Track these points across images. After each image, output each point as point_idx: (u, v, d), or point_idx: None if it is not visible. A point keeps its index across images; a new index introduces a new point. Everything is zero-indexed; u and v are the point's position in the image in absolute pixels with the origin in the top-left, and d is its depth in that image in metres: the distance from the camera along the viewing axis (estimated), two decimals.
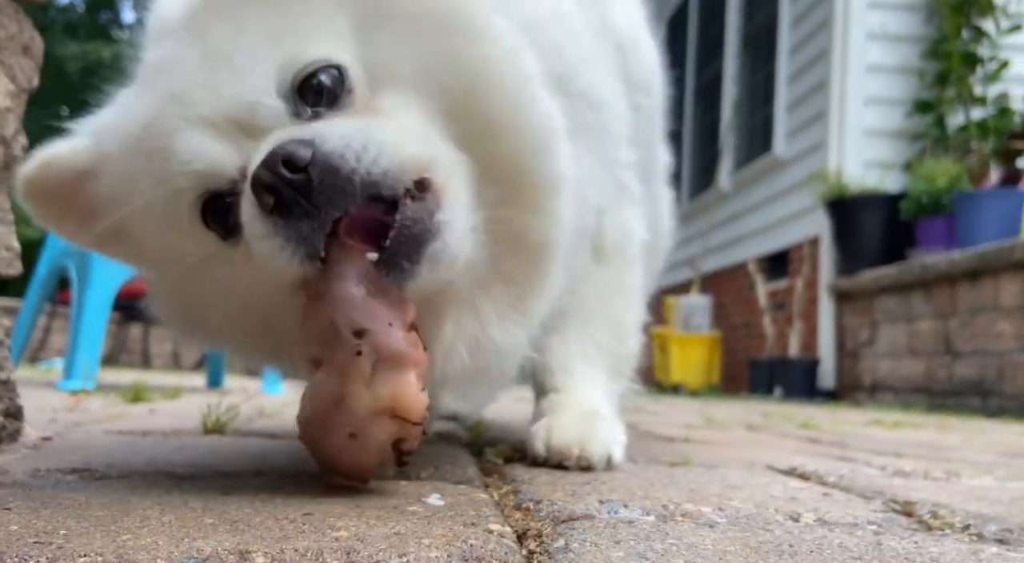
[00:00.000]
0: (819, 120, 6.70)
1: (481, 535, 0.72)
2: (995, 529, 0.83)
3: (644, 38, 1.45)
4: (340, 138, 0.76)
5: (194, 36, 0.87)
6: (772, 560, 0.66)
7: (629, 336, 1.34)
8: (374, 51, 0.85)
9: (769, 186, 7.49)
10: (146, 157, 0.86)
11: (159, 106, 0.85)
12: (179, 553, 0.63)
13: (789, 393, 6.35)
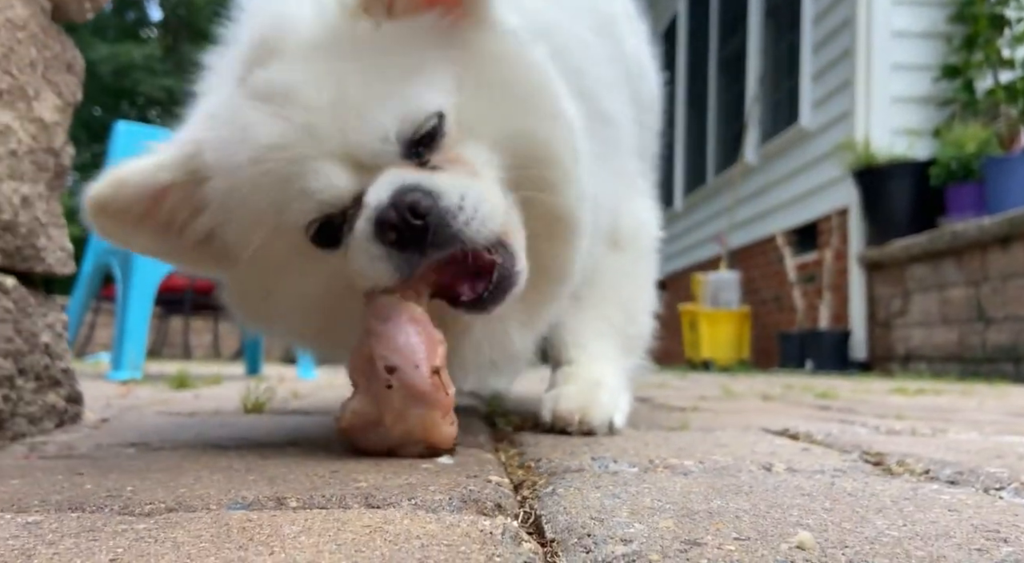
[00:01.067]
0: (845, 89, 6.65)
1: (481, 484, 0.83)
2: (949, 472, 0.91)
3: (648, 65, 1.62)
4: (455, 196, 0.91)
5: (322, 71, 0.92)
6: (728, 497, 0.76)
7: (641, 317, 1.45)
8: (466, 107, 0.98)
9: (796, 158, 7.45)
10: (266, 178, 0.94)
11: (291, 135, 0.91)
12: (227, 500, 0.76)
13: (820, 366, 6.36)
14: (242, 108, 0.95)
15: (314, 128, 0.91)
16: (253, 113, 0.93)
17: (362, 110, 0.92)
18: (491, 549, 0.58)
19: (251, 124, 0.93)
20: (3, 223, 1.26)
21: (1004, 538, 0.60)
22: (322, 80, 0.92)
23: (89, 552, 0.56)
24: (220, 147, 0.97)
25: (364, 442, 1.02)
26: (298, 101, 0.92)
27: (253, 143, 0.93)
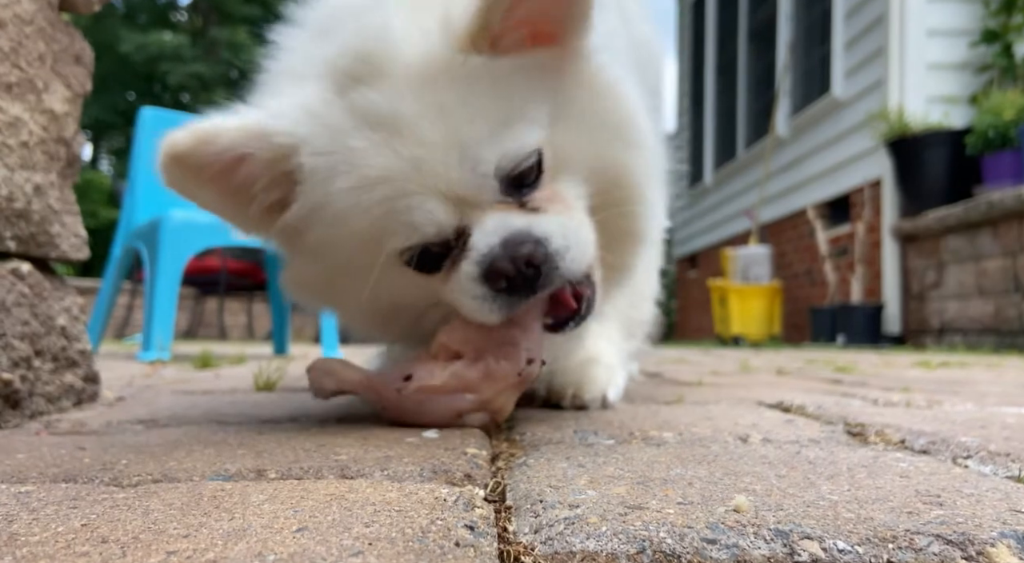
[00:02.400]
0: (878, 57, 6.50)
1: (456, 456, 0.86)
2: (923, 442, 0.92)
3: (656, 49, 1.64)
4: (561, 239, 0.95)
5: (430, 104, 0.92)
6: (691, 466, 0.78)
7: (644, 304, 1.49)
8: (560, 139, 1.01)
9: (828, 129, 7.31)
10: (367, 205, 0.94)
11: (398, 169, 0.92)
12: (211, 472, 0.80)
13: (852, 340, 6.29)
14: (347, 128, 0.94)
15: (422, 163, 0.92)
16: (360, 139, 0.93)
17: (468, 148, 0.92)
18: (437, 513, 0.61)
19: (358, 150, 0.93)
20: (17, 211, 1.31)
21: (940, 502, 0.62)
22: (431, 115, 0.92)
23: (65, 518, 0.60)
24: (321, 162, 0.96)
25: (431, 406, 1.07)
26: (408, 135, 0.92)
27: (360, 173, 0.93)
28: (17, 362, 1.30)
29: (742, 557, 0.53)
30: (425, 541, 0.53)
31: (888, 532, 0.54)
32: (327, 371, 1.13)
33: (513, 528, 0.62)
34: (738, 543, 0.54)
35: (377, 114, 0.93)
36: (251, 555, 0.50)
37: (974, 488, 0.67)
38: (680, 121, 11.74)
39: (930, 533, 0.54)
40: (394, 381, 1.09)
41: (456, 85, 0.93)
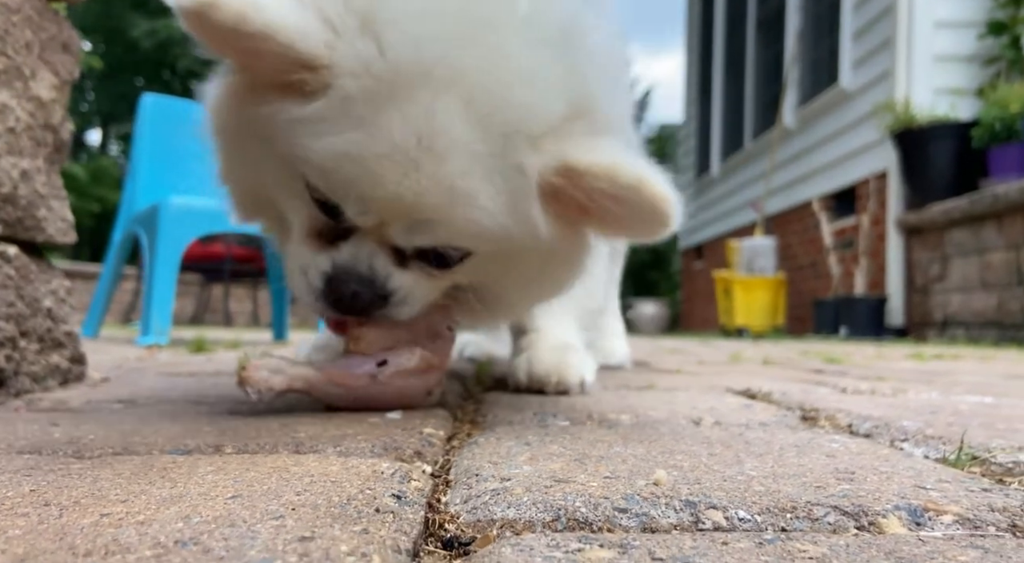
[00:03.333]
0: (886, 47, 6.46)
1: (411, 434, 0.89)
2: (868, 426, 0.94)
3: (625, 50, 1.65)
4: (402, 295, 1.01)
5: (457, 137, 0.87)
6: (632, 445, 0.81)
7: (596, 291, 1.50)
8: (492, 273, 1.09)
9: (835, 120, 7.28)
10: (356, 154, 0.86)
11: (401, 152, 0.85)
12: (170, 446, 0.83)
13: (855, 332, 6.28)
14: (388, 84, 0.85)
15: (422, 169, 0.86)
16: (394, 105, 0.84)
17: (459, 196, 0.87)
18: (370, 484, 0.64)
19: (391, 124, 0.85)
20: (3, 195, 1.35)
21: (852, 479, 0.64)
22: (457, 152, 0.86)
23: (17, 485, 0.64)
24: (353, 85, 0.85)
25: (407, 388, 1.10)
26: (431, 142, 0.85)
27: (386, 139, 0.85)
28: (2, 342, 1.33)
29: (650, 524, 0.55)
30: (347, 507, 0.56)
31: (790, 503, 0.57)
32: (275, 369, 1.06)
33: (445, 500, 0.65)
34: (648, 512, 0.57)
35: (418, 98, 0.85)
36: (179, 517, 0.53)
37: (892, 467, 0.69)
38: (687, 111, 11.70)
39: (829, 505, 0.56)
40: (365, 366, 1.08)
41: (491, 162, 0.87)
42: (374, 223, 0.93)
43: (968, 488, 0.63)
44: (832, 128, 7.32)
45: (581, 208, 0.92)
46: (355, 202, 0.90)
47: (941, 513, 0.56)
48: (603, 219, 0.92)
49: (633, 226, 0.92)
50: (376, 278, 0.97)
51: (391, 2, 0.86)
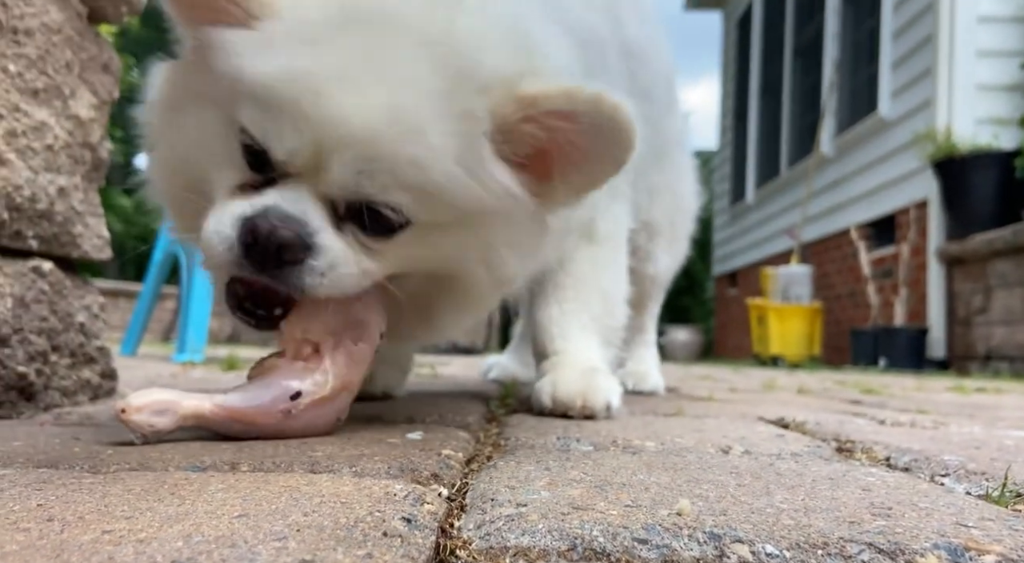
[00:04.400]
0: (926, 77, 6.37)
1: (430, 456, 0.87)
2: (907, 460, 0.90)
3: (652, 52, 1.63)
4: (326, 264, 0.90)
5: (410, 72, 0.87)
6: (656, 472, 0.78)
7: (617, 309, 1.48)
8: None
9: (874, 148, 7.17)
10: (290, 83, 0.84)
11: (329, 77, 0.84)
12: (186, 462, 0.82)
13: (895, 364, 6.12)
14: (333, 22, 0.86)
15: (371, 94, 0.84)
16: (339, 38, 0.85)
17: (412, 142, 0.85)
18: (380, 506, 0.62)
19: (346, 47, 0.85)
20: (39, 212, 1.37)
21: (889, 514, 0.60)
22: (405, 83, 0.86)
23: (25, 498, 0.63)
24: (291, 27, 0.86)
25: (318, 419, 1.01)
26: (375, 69, 0.85)
27: (338, 59, 0.84)
28: (33, 356, 1.35)
29: (671, 557, 0.53)
30: (353, 530, 0.54)
31: (821, 539, 0.53)
32: (160, 408, 0.94)
33: (459, 524, 0.62)
34: (670, 544, 0.54)
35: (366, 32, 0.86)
36: (181, 536, 0.52)
37: (931, 503, 0.65)
38: (723, 138, 11.64)
39: (864, 542, 0.53)
40: (279, 402, 0.97)
41: (443, 104, 0.86)
42: (308, 161, 0.86)
43: (1012, 527, 0.59)
44: (871, 156, 7.22)
45: (540, 155, 0.92)
46: (291, 132, 0.84)
47: (983, 553, 0.52)
48: (563, 154, 0.92)
49: (595, 150, 0.91)
50: (305, 222, 0.86)
51: None
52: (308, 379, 0.98)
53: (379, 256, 0.93)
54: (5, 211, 1.28)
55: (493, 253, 0.98)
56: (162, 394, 0.94)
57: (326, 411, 1.01)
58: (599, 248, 1.45)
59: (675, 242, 2.02)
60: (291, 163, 0.88)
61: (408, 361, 1.66)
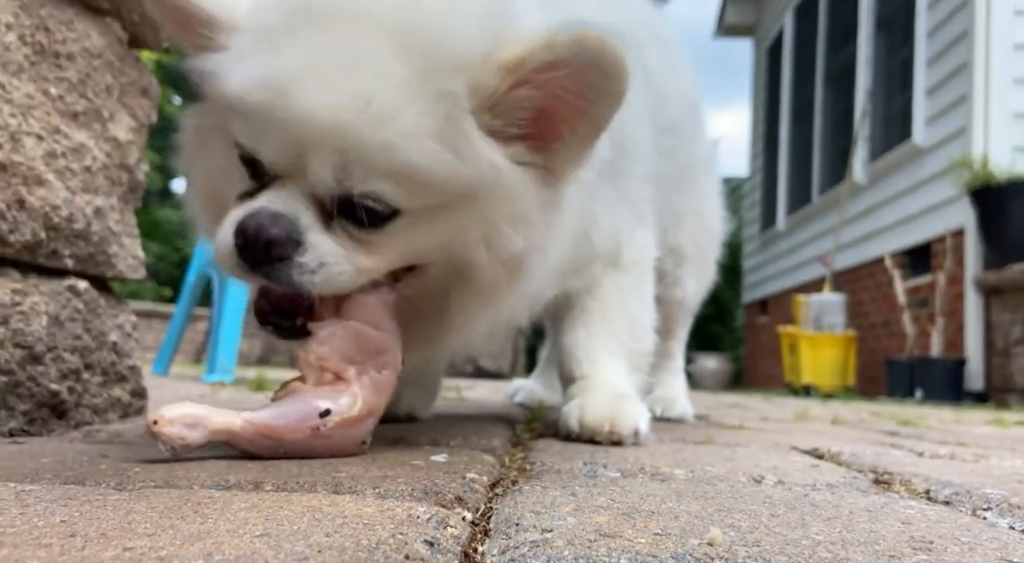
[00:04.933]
0: (962, 104, 6.29)
1: (454, 479, 0.86)
2: (948, 492, 0.87)
3: (676, 86, 1.65)
4: (316, 261, 0.92)
5: (384, 65, 0.88)
6: (686, 501, 0.76)
7: (645, 335, 1.47)
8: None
9: (908, 176, 7.08)
10: (263, 96, 0.87)
11: (296, 77, 0.86)
12: (211, 481, 0.82)
13: (931, 395, 5.98)
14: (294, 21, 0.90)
15: (337, 87, 0.86)
16: (307, 35, 0.88)
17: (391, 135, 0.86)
18: (402, 528, 0.61)
19: (307, 46, 0.87)
20: (76, 231, 1.39)
21: (930, 548, 0.58)
22: (379, 77, 0.88)
23: (50, 514, 0.63)
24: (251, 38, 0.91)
25: (344, 440, 1.01)
26: (336, 70, 0.86)
27: (301, 59, 0.87)
28: (66, 374, 1.36)
29: None
30: (374, 552, 0.53)
31: None
32: (192, 422, 0.94)
33: (483, 549, 0.61)
34: None
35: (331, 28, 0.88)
36: (202, 554, 0.51)
37: (974, 537, 0.62)
38: (753, 165, 11.57)
39: None
40: (308, 419, 0.97)
41: (422, 98, 0.87)
42: (291, 161, 0.88)
43: None
44: (905, 184, 7.12)
45: (543, 115, 0.91)
46: (272, 137, 0.88)
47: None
48: (564, 105, 0.90)
49: (590, 88, 0.90)
50: (291, 220, 0.89)
51: None
52: (337, 399, 0.98)
53: (374, 250, 0.94)
54: (43, 230, 1.30)
55: (493, 231, 0.96)
56: (193, 408, 0.95)
57: (353, 433, 1.00)
58: (625, 275, 1.44)
59: (702, 267, 2.01)
60: (277, 165, 0.91)
61: (435, 385, 1.66)
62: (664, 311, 1.62)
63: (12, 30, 1.22)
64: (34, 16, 1.27)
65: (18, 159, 1.24)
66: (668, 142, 1.61)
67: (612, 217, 1.38)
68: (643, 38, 1.53)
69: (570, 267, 1.36)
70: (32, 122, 1.28)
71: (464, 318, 1.06)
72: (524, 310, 1.28)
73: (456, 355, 1.53)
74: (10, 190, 1.23)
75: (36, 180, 1.28)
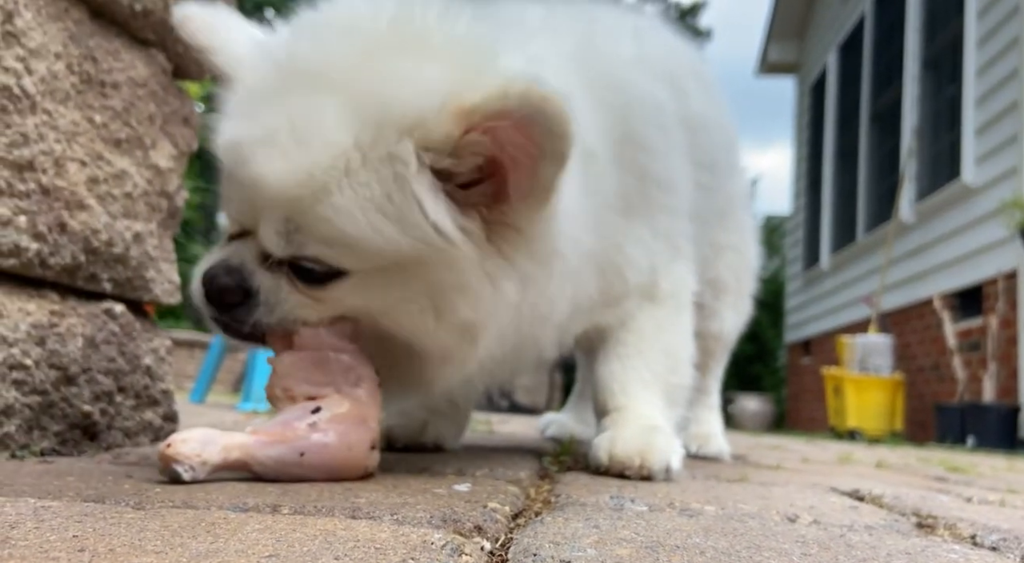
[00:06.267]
0: (1012, 144, 6.15)
1: (474, 508, 0.84)
2: (995, 538, 0.82)
3: (715, 121, 1.68)
4: (264, 303, 1.04)
5: (329, 122, 0.96)
6: (715, 537, 0.72)
7: (682, 367, 1.43)
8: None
9: (957, 216, 6.91)
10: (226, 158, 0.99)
11: (257, 145, 0.95)
12: (229, 503, 0.81)
13: (984, 442, 5.74)
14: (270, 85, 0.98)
15: (288, 157, 0.93)
16: (267, 101, 0.97)
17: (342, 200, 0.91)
18: (415, 554, 0.59)
19: (270, 114, 0.95)
20: (115, 256, 1.42)
21: None
22: (328, 134, 0.94)
23: (63, 530, 0.62)
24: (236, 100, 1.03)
25: (353, 436, 1.01)
26: (303, 138, 0.93)
27: (263, 126, 0.95)
28: (99, 396, 1.38)
29: None
30: None
31: None
32: (206, 440, 0.95)
33: None
34: None
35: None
36: None
37: None
38: (796, 203, 11.43)
39: None
40: (302, 419, 0.99)
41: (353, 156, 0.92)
42: (250, 222, 0.98)
43: None
44: (954, 224, 6.95)
45: (491, 165, 0.92)
46: (235, 196, 0.98)
47: None
48: (510, 159, 0.91)
49: (534, 144, 0.89)
50: (240, 270, 0.99)
51: (298, 20, 1.03)
52: (323, 401, 1.01)
53: (321, 302, 1.01)
54: (82, 254, 1.33)
55: (441, 299, 0.98)
56: (203, 431, 0.97)
57: (359, 432, 1.00)
58: (661, 307, 1.42)
59: (740, 299, 1.97)
60: (240, 223, 1.01)
61: (464, 416, 1.64)
62: (701, 345, 1.58)
63: (61, 59, 1.26)
64: (82, 46, 1.31)
65: (61, 184, 1.27)
66: (706, 177, 1.60)
67: (646, 252, 1.37)
68: (681, 72, 1.53)
69: (600, 302, 1.34)
70: (76, 148, 1.31)
71: (420, 376, 1.09)
72: (552, 344, 1.27)
73: (490, 389, 1.55)
74: (52, 214, 1.26)
75: (78, 204, 1.32)
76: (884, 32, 8.88)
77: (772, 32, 11.62)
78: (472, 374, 1.15)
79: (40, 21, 1.22)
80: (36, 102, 1.22)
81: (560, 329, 1.27)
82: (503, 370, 1.29)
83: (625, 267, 1.34)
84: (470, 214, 0.96)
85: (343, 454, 0.99)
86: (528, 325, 1.10)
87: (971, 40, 6.88)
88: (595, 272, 1.27)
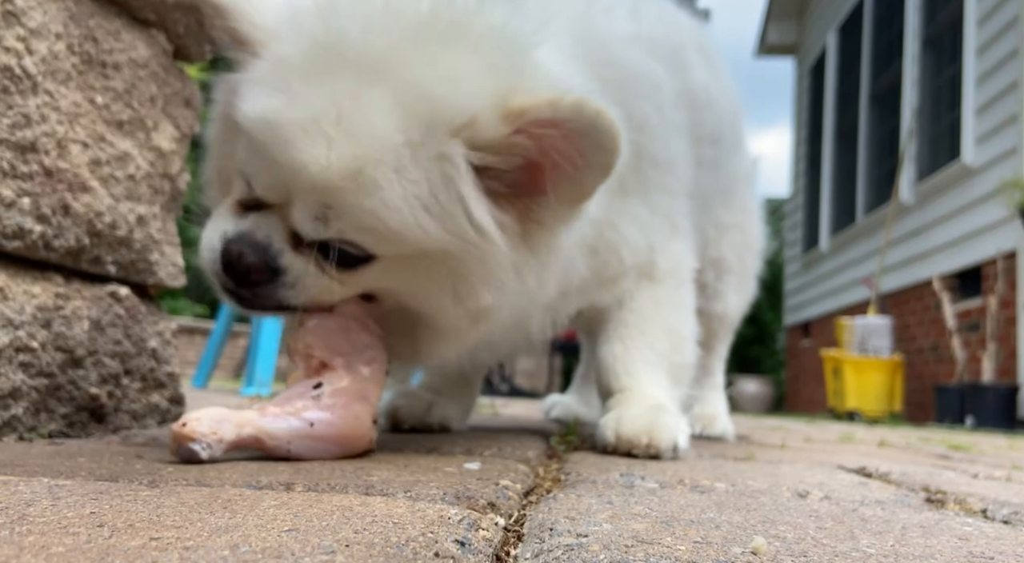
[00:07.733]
0: (1012, 124, 6.13)
1: (487, 485, 0.84)
2: (1006, 512, 0.82)
3: (719, 96, 1.65)
4: (291, 279, 1.02)
5: (371, 105, 0.92)
6: (727, 512, 0.72)
7: (684, 345, 1.43)
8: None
9: (957, 197, 6.90)
10: (257, 132, 0.92)
11: (300, 126, 0.89)
12: (243, 481, 0.81)
13: (983, 422, 5.77)
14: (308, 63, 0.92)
15: (334, 147, 0.89)
16: (309, 80, 0.91)
17: (339, 183, 0.89)
18: (433, 528, 0.59)
19: (316, 95, 0.90)
20: (119, 238, 1.42)
21: None
22: (363, 120, 0.91)
23: (80, 506, 0.62)
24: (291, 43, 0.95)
25: (356, 408, 1.03)
26: (352, 130, 0.90)
27: (307, 108, 0.89)
28: (106, 378, 1.38)
29: None
30: (404, 548, 0.51)
31: None
32: (218, 418, 0.96)
33: (515, 553, 0.59)
34: None
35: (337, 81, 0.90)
36: (228, 546, 0.50)
37: None
38: (795, 185, 11.42)
39: None
40: (305, 395, 1.00)
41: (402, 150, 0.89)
42: (279, 199, 0.94)
43: None
44: (954, 205, 6.94)
45: (531, 168, 0.92)
46: (265, 173, 0.93)
47: None
48: (552, 164, 0.92)
49: (581, 156, 0.91)
50: (268, 248, 0.96)
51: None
52: (324, 377, 1.02)
53: (345, 282, 1.00)
54: (86, 236, 1.32)
55: (463, 285, 0.99)
56: (215, 409, 0.98)
57: (360, 407, 1.02)
58: (660, 286, 1.42)
59: (744, 280, 1.97)
60: (266, 197, 0.96)
61: (470, 397, 1.64)
62: (705, 325, 1.58)
63: (61, 39, 1.24)
64: (83, 26, 1.30)
65: (64, 165, 1.27)
66: (710, 152, 1.59)
67: (643, 231, 1.37)
68: (683, 47, 1.51)
69: (594, 282, 1.34)
70: (78, 130, 1.30)
71: (427, 345, 1.11)
72: (541, 326, 1.28)
73: (491, 371, 1.55)
74: (56, 196, 1.25)
75: (81, 187, 1.31)
76: (883, 12, 8.82)
77: (771, 13, 11.54)
78: (464, 352, 1.16)
79: (40, 0, 1.20)
80: (37, 83, 1.20)
81: (551, 310, 1.27)
82: (487, 351, 1.30)
83: (621, 246, 1.34)
84: (507, 210, 0.96)
85: (350, 422, 1.01)
86: (521, 309, 1.11)
87: (971, 20, 6.84)
88: (586, 252, 1.27)
